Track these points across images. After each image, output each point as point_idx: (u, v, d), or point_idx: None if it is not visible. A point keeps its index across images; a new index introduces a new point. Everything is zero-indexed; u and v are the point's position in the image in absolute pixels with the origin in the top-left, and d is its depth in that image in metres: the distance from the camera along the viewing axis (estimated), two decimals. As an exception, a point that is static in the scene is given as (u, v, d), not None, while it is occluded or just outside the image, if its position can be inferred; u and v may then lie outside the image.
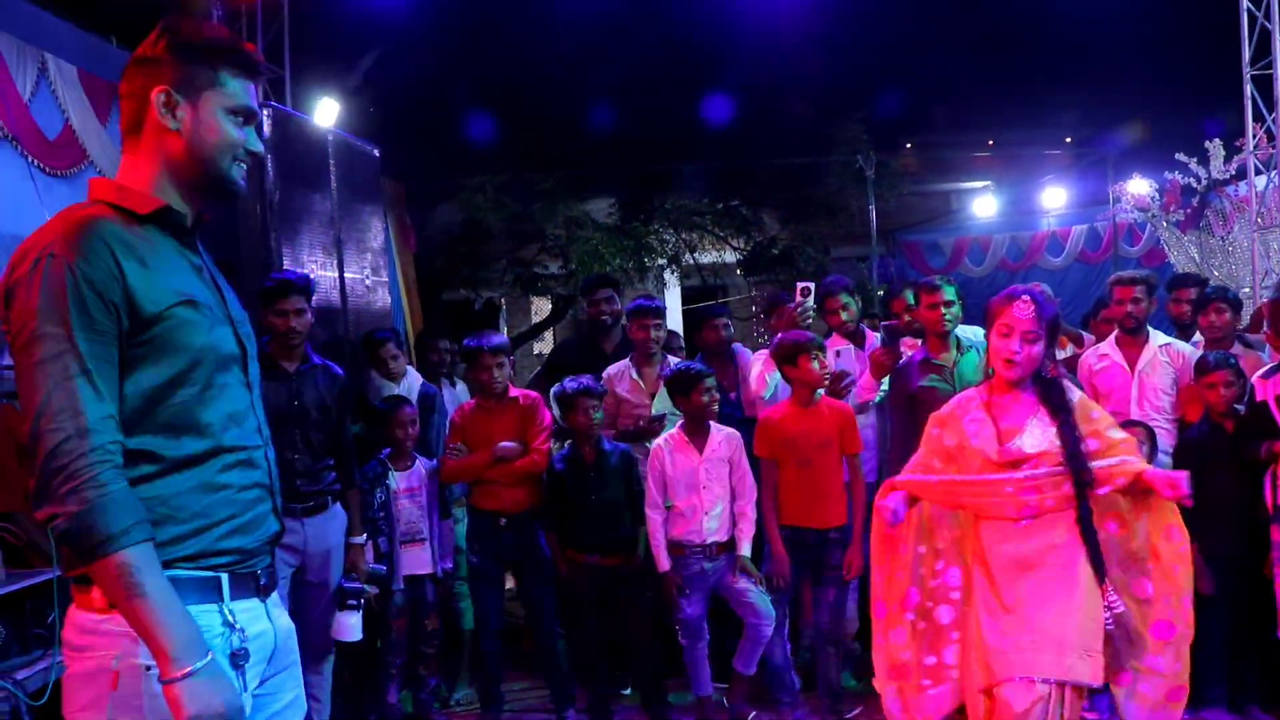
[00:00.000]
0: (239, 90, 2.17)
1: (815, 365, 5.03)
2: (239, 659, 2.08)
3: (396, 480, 5.29)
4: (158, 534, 1.98)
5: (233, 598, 2.10)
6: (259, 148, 2.25)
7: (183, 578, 2.02)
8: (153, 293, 2.02)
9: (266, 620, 2.20)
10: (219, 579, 2.08)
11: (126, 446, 1.96)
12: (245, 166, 2.24)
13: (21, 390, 1.94)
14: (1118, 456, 3.49)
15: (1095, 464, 3.46)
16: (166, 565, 1.98)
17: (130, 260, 2.01)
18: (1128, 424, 5.04)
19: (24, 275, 1.96)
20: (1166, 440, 5.29)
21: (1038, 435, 3.47)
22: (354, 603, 4.67)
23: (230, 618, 2.08)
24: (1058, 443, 3.44)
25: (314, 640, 4.67)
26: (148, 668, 1.95)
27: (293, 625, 2.33)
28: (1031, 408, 3.52)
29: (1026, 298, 3.51)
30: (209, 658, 1.94)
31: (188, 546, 2.04)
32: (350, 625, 4.66)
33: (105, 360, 1.96)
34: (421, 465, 5.41)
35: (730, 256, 12.16)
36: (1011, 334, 3.48)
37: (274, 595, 2.26)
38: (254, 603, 2.16)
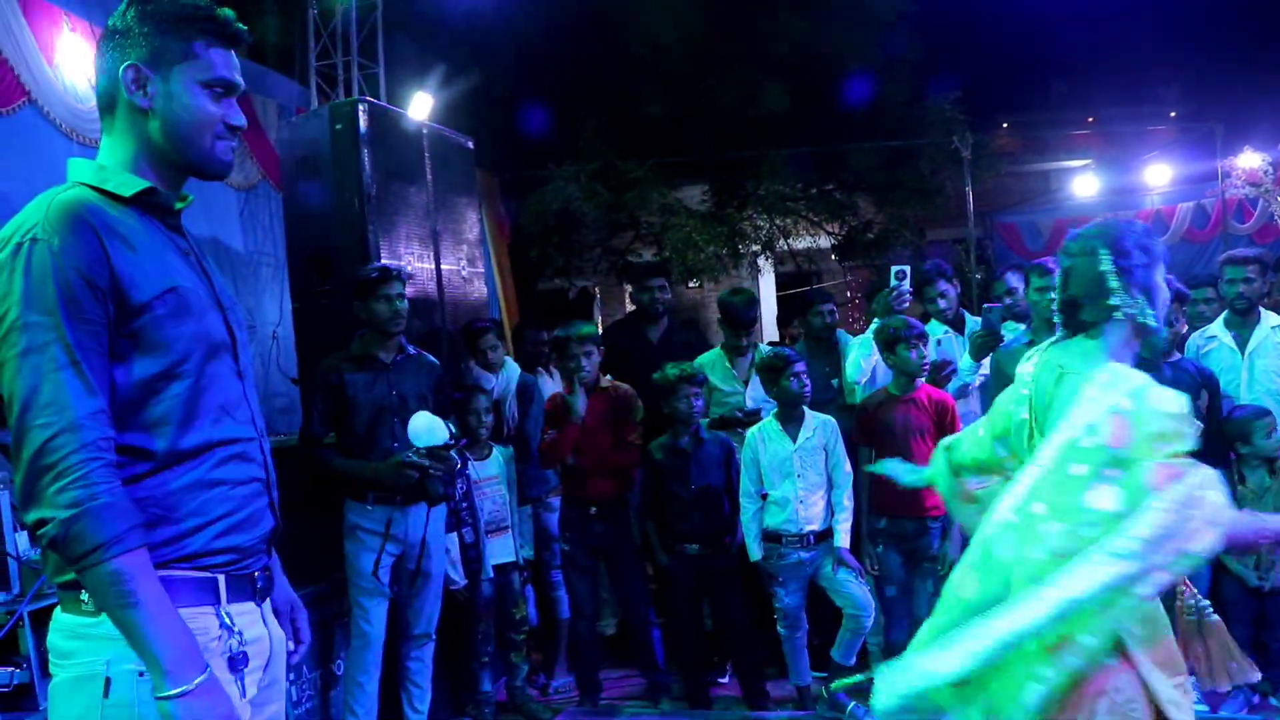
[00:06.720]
0: (216, 61, 2.02)
1: (913, 355, 4.96)
2: (237, 663, 1.99)
3: (475, 470, 5.24)
4: (152, 535, 1.86)
5: (230, 600, 1.99)
6: (242, 122, 2.08)
7: (178, 579, 1.91)
8: (140, 279, 1.90)
9: (263, 626, 2.10)
10: (215, 580, 1.97)
11: (118, 443, 1.85)
12: (232, 143, 2.09)
13: (3, 383, 1.83)
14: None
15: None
16: (161, 566, 1.87)
17: (116, 244, 1.89)
18: (1239, 410, 4.88)
19: (4, 261, 1.84)
20: (1281, 425, 5.08)
21: None
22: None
23: (228, 620, 1.98)
24: None
25: (415, 628, 4.75)
26: (142, 673, 1.84)
27: (284, 635, 2.22)
28: None
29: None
30: (206, 673, 1.83)
31: (184, 547, 1.93)
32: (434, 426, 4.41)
33: (95, 351, 1.84)
34: (499, 453, 5.39)
35: (824, 241, 12.03)
36: None
37: (268, 602, 2.16)
38: (250, 606, 2.06)
